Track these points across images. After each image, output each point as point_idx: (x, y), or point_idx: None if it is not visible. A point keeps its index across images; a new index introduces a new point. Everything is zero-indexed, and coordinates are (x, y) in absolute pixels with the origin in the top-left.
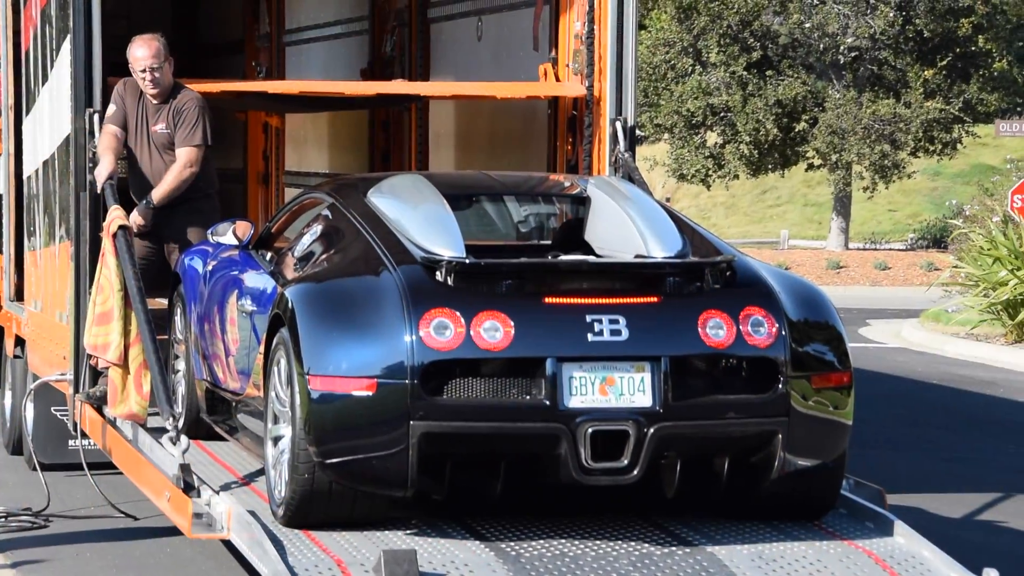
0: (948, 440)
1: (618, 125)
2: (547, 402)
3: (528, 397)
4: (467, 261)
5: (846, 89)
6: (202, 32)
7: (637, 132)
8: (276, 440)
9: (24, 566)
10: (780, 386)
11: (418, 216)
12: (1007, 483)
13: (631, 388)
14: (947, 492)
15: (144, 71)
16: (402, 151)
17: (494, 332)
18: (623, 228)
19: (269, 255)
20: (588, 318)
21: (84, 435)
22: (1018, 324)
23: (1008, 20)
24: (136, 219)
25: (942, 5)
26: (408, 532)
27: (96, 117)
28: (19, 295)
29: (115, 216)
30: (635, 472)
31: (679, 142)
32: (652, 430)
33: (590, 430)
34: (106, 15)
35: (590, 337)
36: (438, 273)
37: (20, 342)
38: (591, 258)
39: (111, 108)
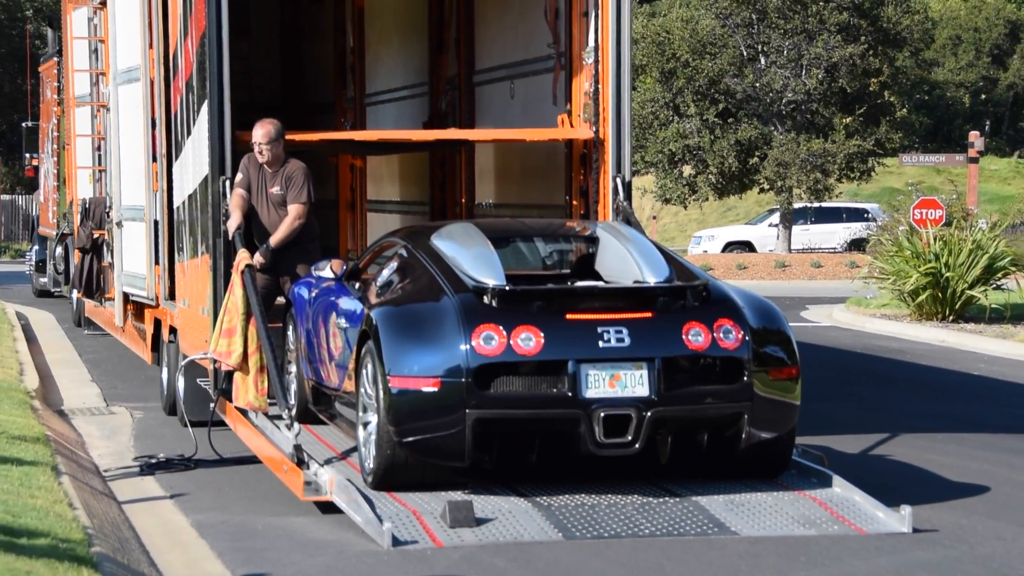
0: (868, 394)
1: (618, 181)
2: (569, 393)
3: (555, 390)
4: (507, 288)
5: (787, 132)
6: (304, 96)
7: (630, 168)
8: (365, 424)
9: (179, 497)
10: (745, 378)
11: (469, 254)
12: (911, 426)
13: (633, 382)
14: (868, 433)
15: (259, 146)
16: (455, 183)
17: (528, 341)
18: (624, 260)
19: (358, 284)
20: (599, 329)
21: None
22: (918, 306)
23: (908, 79)
24: (258, 258)
25: (858, 68)
26: (465, 492)
27: (227, 183)
28: (171, 295)
29: (242, 257)
30: (637, 445)
31: (663, 174)
32: (649, 413)
33: (602, 414)
34: (234, 85)
35: (601, 344)
36: (485, 297)
37: (173, 330)
38: (601, 284)
39: (239, 176)
